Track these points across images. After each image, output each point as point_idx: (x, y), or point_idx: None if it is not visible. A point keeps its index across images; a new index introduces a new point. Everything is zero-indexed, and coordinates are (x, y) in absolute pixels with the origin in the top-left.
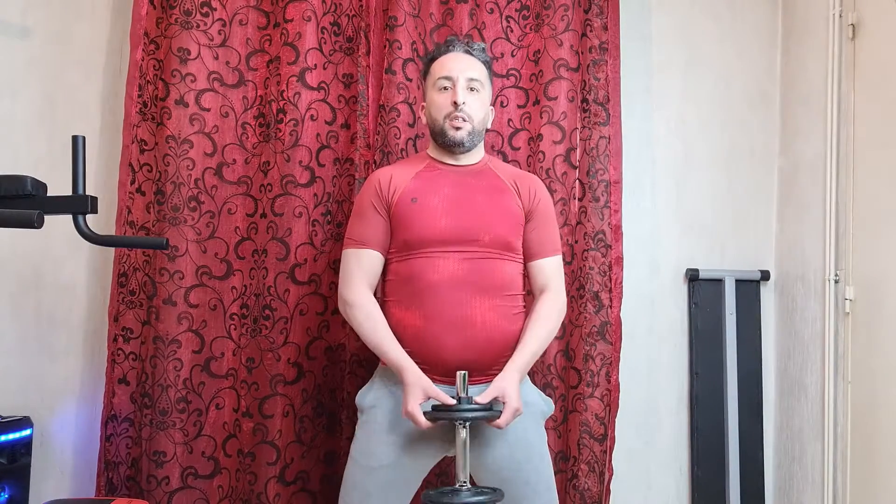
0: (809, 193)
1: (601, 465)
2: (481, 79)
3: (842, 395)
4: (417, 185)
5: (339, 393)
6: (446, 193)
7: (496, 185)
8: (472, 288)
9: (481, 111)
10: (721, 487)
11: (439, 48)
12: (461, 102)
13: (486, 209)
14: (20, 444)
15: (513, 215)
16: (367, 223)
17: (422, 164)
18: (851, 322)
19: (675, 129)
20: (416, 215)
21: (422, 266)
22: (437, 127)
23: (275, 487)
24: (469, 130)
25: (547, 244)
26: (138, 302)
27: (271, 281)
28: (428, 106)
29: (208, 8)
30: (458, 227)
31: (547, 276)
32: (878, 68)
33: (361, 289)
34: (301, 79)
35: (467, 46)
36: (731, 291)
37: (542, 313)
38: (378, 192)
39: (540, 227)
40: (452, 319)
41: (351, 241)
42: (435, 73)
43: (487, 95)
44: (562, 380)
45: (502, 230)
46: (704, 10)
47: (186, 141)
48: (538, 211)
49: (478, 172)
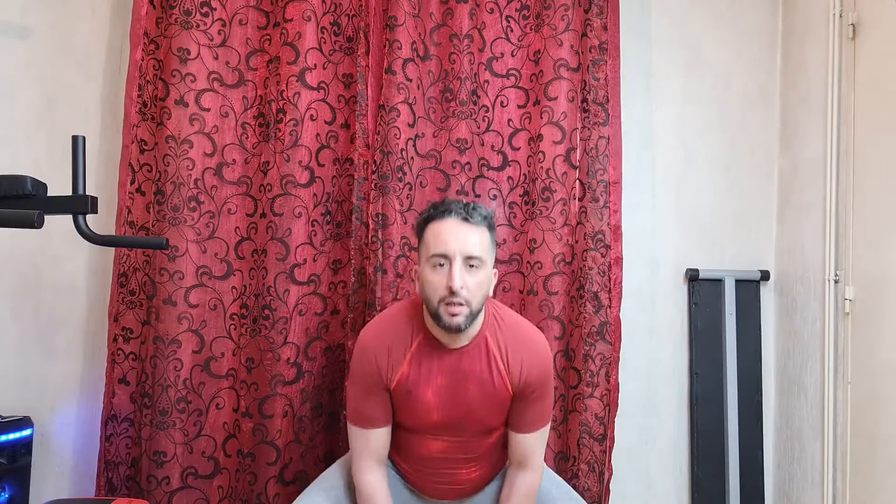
0: (809, 193)
1: (601, 464)
2: (481, 253)
3: (841, 395)
4: (412, 373)
5: (338, 393)
6: (439, 385)
7: (488, 371)
8: (459, 461)
9: (481, 290)
10: (721, 487)
11: (435, 209)
12: (458, 288)
13: (477, 403)
14: (20, 443)
15: (501, 404)
16: (371, 402)
17: (416, 338)
18: (851, 322)
19: (675, 129)
20: (410, 407)
21: (413, 443)
22: (432, 308)
23: (274, 487)
24: (466, 314)
25: (533, 421)
26: (138, 302)
27: (271, 281)
28: (421, 281)
29: (208, 8)
30: (448, 420)
31: (528, 450)
32: (878, 68)
33: (372, 474)
34: (301, 79)
35: (466, 213)
36: (731, 291)
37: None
38: (378, 375)
39: (527, 405)
40: (440, 481)
41: (357, 420)
42: (429, 244)
43: (489, 267)
44: (561, 380)
45: (491, 420)
46: (704, 10)
47: (186, 141)
48: (527, 388)
49: (473, 354)
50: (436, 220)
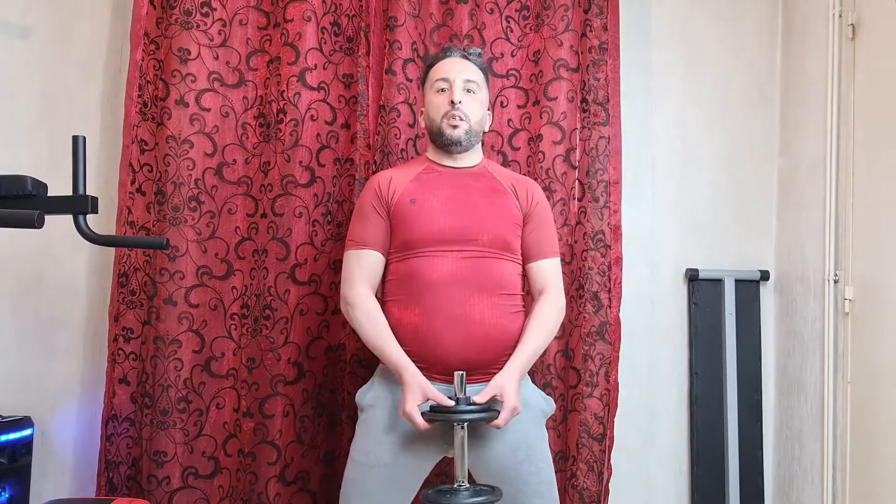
0: (809, 193)
1: (600, 464)
2: (478, 81)
3: (841, 395)
4: (416, 187)
5: (339, 393)
6: (445, 194)
7: (494, 187)
8: (471, 286)
9: (478, 111)
10: (721, 487)
11: (437, 54)
12: (458, 101)
13: (484, 210)
14: (21, 443)
15: (510, 216)
16: (368, 224)
17: (421, 166)
18: (851, 322)
19: (675, 129)
20: (414, 216)
21: (420, 265)
22: (435, 127)
23: (275, 487)
24: (466, 129)
25: (545, 246)
26: (139, 302)
27: (271, 281)
28: (426, 108)
29: (208, 8)
30: (456, 227)
31: (545, 277)
32: (878, 68)
33: (362, 289)
34: (301, 79)
35: (464, 51)
36: (731, 291)
37: (541, 314)
38: (378, 194)
39: (537, 229)
40: (451, 317)
41: (352, 243)
42: (432, 76)
43: (484, 97)
44: (561, 379)
45: (500, 230)
46: (704, 10)
47: (187, 141)
48: (535, 213)
49: (476, 174)
50: (438, 61)
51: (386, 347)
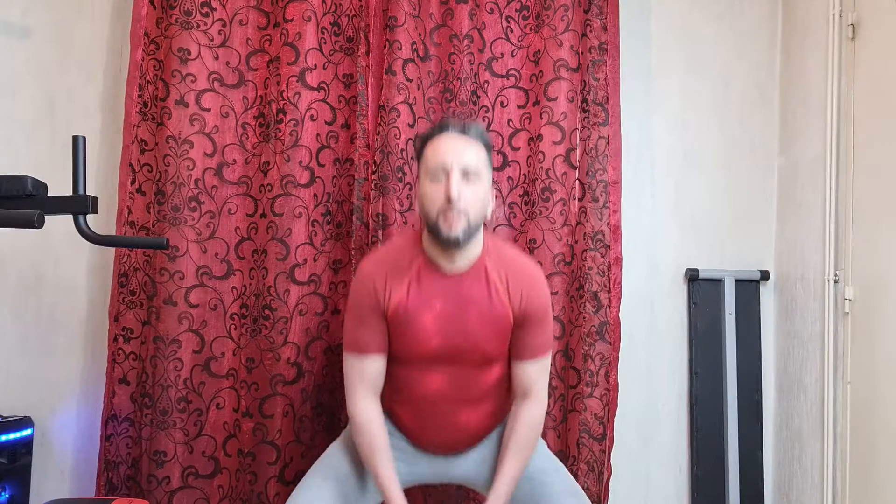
0: (809, 193)
1: (600, 464)
2: (478, 166)
3: (841, 395)
4: (410, 299)
5: (338, 393)
6: (439, 311)
7: (488, 295)
8: (459, 400)
9: (478, 203)
10: (721, 487)
11: (432, 129)
12: (455, 197)
13: (477, 329)
14: (21, 443)
15: (503, 329)
16: (366, 328)
17: (414, 263)
18: (851, 322)
19: (675, 129)
20: (408, 334)
21: (411, 378)
22: (431, 222)
23: (275, 487)
24: (464, 227)
25: (534, 347)
26: (139, 302)
27: (271, 281)
28: (420, 197)
29: (208, 8)
30: (447, 347)
31: (530, 380)
32: (878, 68)
33: (364, 403)
34: (301, 79)
35: (463, 127)
36: (731, 291)
37: (521, 431)
38: (374, 298)
39: (528, 332)
40: (438, 424)
41: (352, 347)
42: (428, 159)
43: (486, 183)
44: (561, 379)
45: (492, 347)
46: (704, 11)
47: (186, 141)
48: (528, 316)
49: (472, 279)
50: (434, 137)
51: (380, 473)
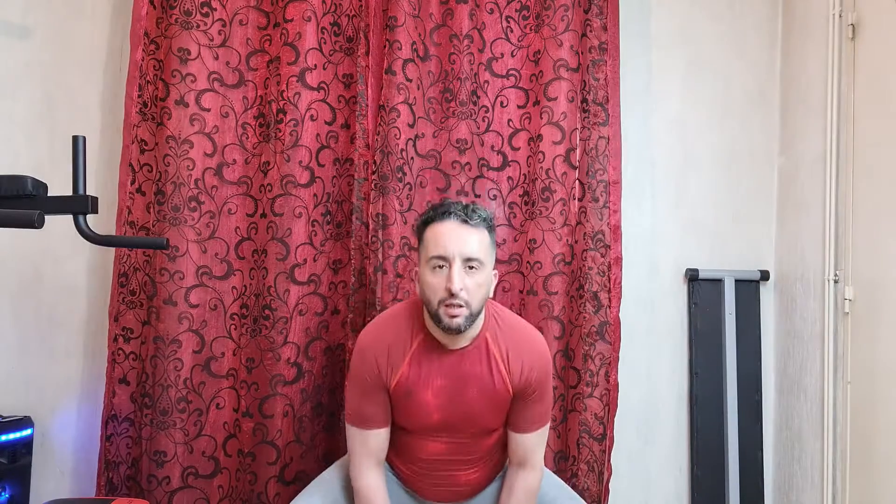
0: (809, 193)
1: (600, 464)
2: (481, 255)
3: (841, 395)
4: (412, 374)
5: (338, 393)
6: (439, 387)
7: (488, 372)
8: (459, 462)
9: (480, 291)
10: (720, 487)
11: (435, 211)
12: (457, 290)
13: (477, 404)
14: (21, 443)
15: (502, 404)
16: (369, 402)
17: (415, 340)
18: (851, 322)
19: (675, 129)
20: (410, 409)
21: (413, 444)
22: (432, 310)
23: (275, 487)
24: (466, 315)
25: (534, 420)
26: (139, 302)
27: (271, 281)
28: (421, 283)
29: (208, 8)
30: (448, 422)
31: (528, 450)
32: (878, 68)
33: (370, 474)
34: (301, 79)
35: (465, 214)
36: (731, 291)
37: (519, 496)
38: (377, 375)
39: (527, 405)
40: (439, 481)
41: (355, 420)
42: (428, 246)
43: (489, 269)
44: (561, 379)
45: (490, 422)
46: (704, 10)
47: (186, 141)
48: (527, 389)
49: (473, 355)
50: (435, 222)
51: None
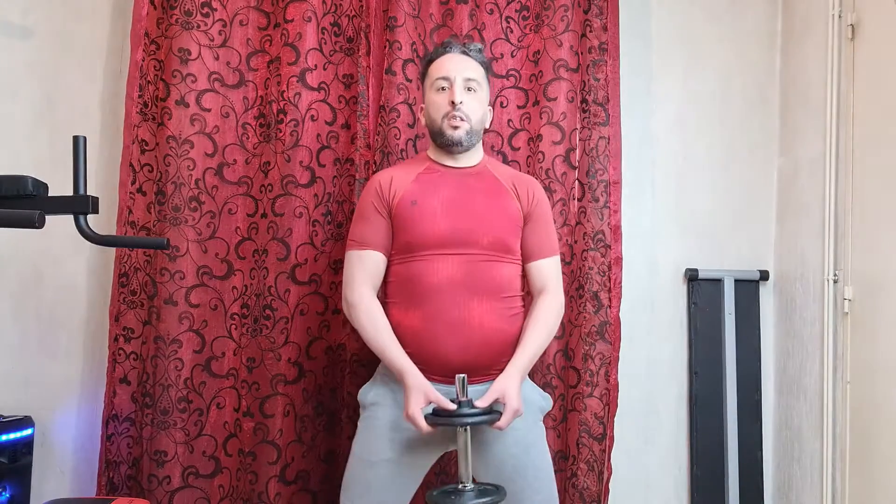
0: (809, 193)
1: (600, 464)
2: (478, 79)
3: (841, 395)
4: (417, 188)
5: (339, 392)
6: (445, 196)
7: (495, 188)
8: (470, 290)
9: (479, 110)
10: (720, 487)
11: (436, 50)
12: (458, 102)
13: (485, 211)
14: (21, 443)
15: (511, 217)
16: (369, 225)
17: (421, 166)
18: (850, 322)
19: (675, 129)
20: (416, 218)
21: (421, 269)
22: (436, 127)
23: (275, 487)
24: (467, 129)
25: (545, 245)
26: (139, 302)
27: (272, 281)
28: (426, 107)
29: (209, 8)
30: (457, 230)
31: (545, 276)
32: (877, 68)
33: (364, 290)
34: (301, 79)
35: (464, 47)
36: (731, 291)
37: (541, 314)
38: (379, 195)
39: (538, 229)
40: (450, 321)
41: (353, 243)
42: (432, 74)
43: (485, 95)
44: (561, 379)
45: (501, 232)
46: (704, 11)
47: (187, 141)
48: (536, 213)
49: (477, 174)
50: (438, 56)
51: (387, 349)
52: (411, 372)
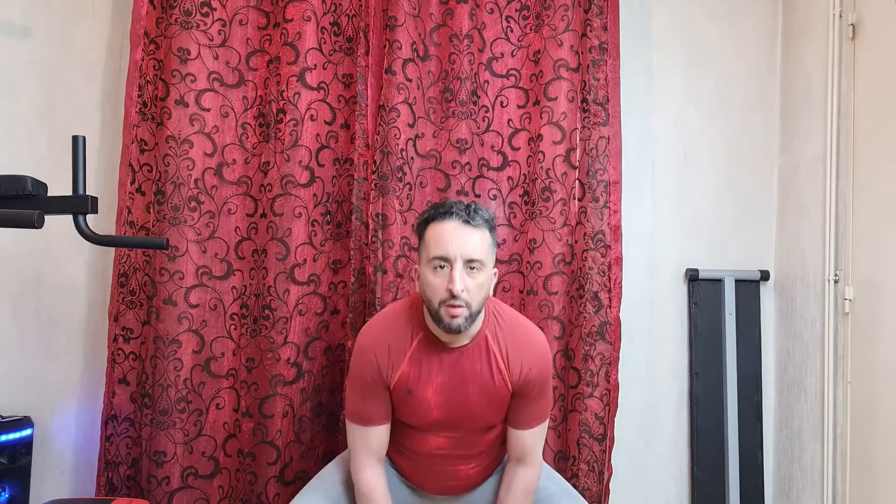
0: (809, 193)
1: (600, 464)
2: (482, 256)
3: (841, 396)
4: (413, 372)
5: (338, 393)
6: (439, 384)
7: (489, 370)
8: (459, 457)
9: (481, 292)
10: (721, 487)
11: (437, 210)
12: (459, 291)
13: (477, 401)
14: (21, 443)
15: (502, 401)
16: (370, 402)
17: (415, 339)
18: (851, 322)
19: (675, 129)
20: (410, 405)
21: (414, 439)
22: (433, 309)
23: (274, 487)
24: (467, 316)
25: (530, 418)
26: (138, 302)
27: (271, 281)
28: (422, 282)
29: (208, 8)
30: (447, 419)
31: (525, 446)
32: (878, 68)
33: (370, 471)
34: (301, 79)
35: (467, 215)
36: (731, 291)
37: (518, 490)
38: (378, 374)
39: (526, 405)
40: (438, 477)
41: (356, 418)
42: (430, 246)
43: (489, 269)
44: (561, 379)
45: (490, 419)
46: (704, 11)
47: (186, 141)
48: (526, 388)
49: (474, 353)
50: (436, 222)
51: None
52: None
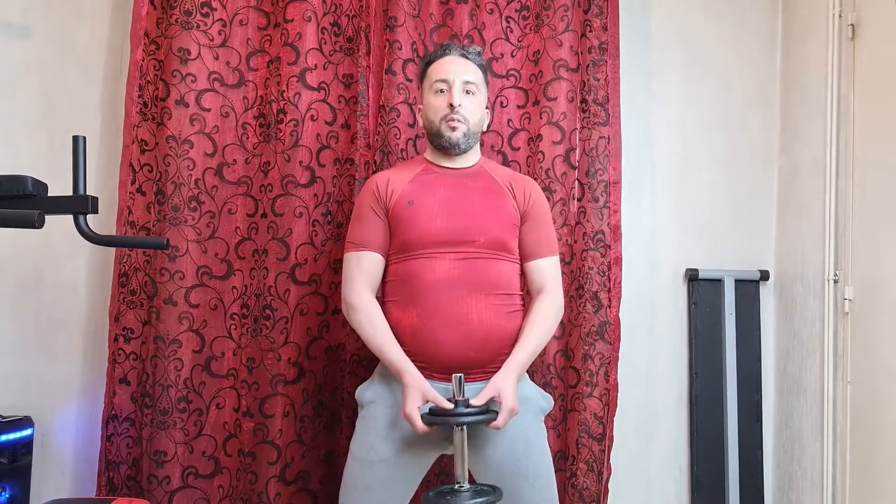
0: (809, 193)
1: (600, 464)
2: (477, 82)
3: (841, 395)
4: (414, 188)
5: (339, 393)
6: (442, 195)
7: (491, 188)
8: (468, 287)
9: (477, 113)
10: (720, 487)
11: (435, 51)
12: (457, 104)
13: (482, 211)
14: (21, 443)
15: (508, 217)
16: (367, 226)
17: (419, 167)
18: (851, 322)
19: (675, 129)
20: (412, 217)
21: (418, 267)
22: (434, 129)
23: (275, 487)
24: (465, 132)
25: (543, 245)
26: (139, 302)
27: (272, 281)
28: (424, 108)
29: (208, 8)
30: (453, 229)
31: (543, 276)
32: (877, 68)
33: (362, 291)
34: (301, 79)
35: (463, 50)
36: (731, 291)
37: (539, 314)
38: (376, 196)
39: (535, 229)
40: (449, 317)
41: (351, 245)
42: (431, 76)
43: (483, 98)
44: (561, 379)
45: (497, 231)
46: (704, 10)
47: (187, 141)
48: (533, 212)
49: (474, 175)
50: (437, 58)
51: (386, 349)
52: (409, 371)
